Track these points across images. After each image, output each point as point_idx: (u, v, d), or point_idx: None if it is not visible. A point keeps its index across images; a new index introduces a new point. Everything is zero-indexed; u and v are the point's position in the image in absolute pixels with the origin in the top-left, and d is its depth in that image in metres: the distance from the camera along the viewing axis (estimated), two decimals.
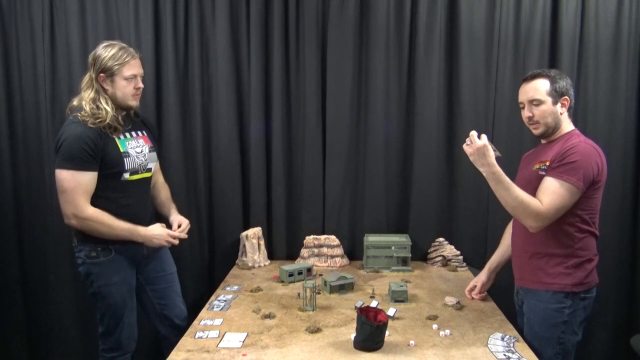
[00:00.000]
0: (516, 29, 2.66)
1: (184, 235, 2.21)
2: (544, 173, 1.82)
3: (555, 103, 1.86)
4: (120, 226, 2.03)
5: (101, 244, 2.05)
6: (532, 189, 1.83)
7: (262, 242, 2.73)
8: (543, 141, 1.97)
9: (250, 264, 2.67)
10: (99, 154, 1.98)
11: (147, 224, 2.14)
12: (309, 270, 2.45)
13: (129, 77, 2.04)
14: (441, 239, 2.76)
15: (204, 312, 2.04)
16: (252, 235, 2.68)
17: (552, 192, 1.76)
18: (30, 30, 2.69)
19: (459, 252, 2.71)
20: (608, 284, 2.66)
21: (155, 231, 2.11)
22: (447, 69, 2.72)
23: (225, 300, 2.16)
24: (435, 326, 1.88)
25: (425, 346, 1.72)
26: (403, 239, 2.68)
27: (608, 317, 2.75)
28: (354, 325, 1.72)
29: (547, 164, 1.83)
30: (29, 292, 2.85)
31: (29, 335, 2.89)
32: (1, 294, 2.83)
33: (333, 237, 2.74)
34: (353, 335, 1.73)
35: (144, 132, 2.22)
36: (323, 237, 2.73)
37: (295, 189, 2.82)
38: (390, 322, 1.83)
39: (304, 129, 2.76)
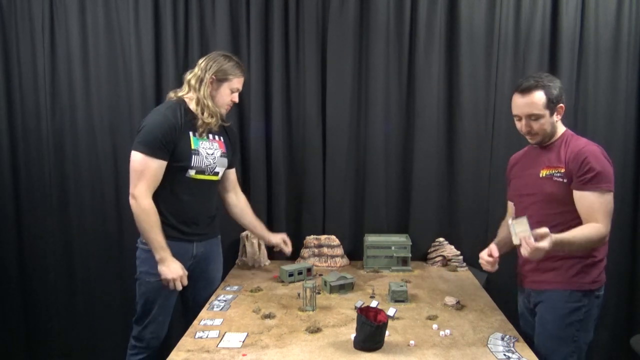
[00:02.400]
0: (516, 29, 2.66)
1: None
2: (560, 179, 1.82)
3: (552, 114, 1.85)
4: (157, 236, 2.03)
5: None
6: (545, 195, 1.84)
7: (262, 242, 2.72)
8: (535, 145, 1.95)
9: (250, 264, 2.67)
10: (172, 145, 2.05)
11: (199, 228, 2.20)
12: (309, 270, 2.45)
13: (234, 90, 2.19)
14: (441, 239, 2.76)
15: (204, 312, 2.03)
16: (252, 235, 2.68)
17: (600, 204, 1.77)
18: (30, 30, 2.70)
19: (459, 252, 2.71)
20: (608, 284, 2.58)
21: (176, 264, 2.08)
22: (447, 68, 2.72)
23: (225, 300, 2.16)
24: (435, 326, 1.88)
25: (425, 346, 1.72)
26: (403, 239, 2.68)
27: (608, 317, 2.75)
28: (354, 325, 1.72)
29: (562, 170, 1.82)
30: (29, 292, 2.85)
31: (29, 335, 2.89)
32: (1, 294, 2.83)
33: (333, 237, 2.74)
34: (353, 335, 1.73)
35: (221, 137, 2.27)
36: (323, 237, 2.73)
37: (295, 189, 2.82)
38: (390, 322, 1.83)
39: (304, 128, 2.76)
